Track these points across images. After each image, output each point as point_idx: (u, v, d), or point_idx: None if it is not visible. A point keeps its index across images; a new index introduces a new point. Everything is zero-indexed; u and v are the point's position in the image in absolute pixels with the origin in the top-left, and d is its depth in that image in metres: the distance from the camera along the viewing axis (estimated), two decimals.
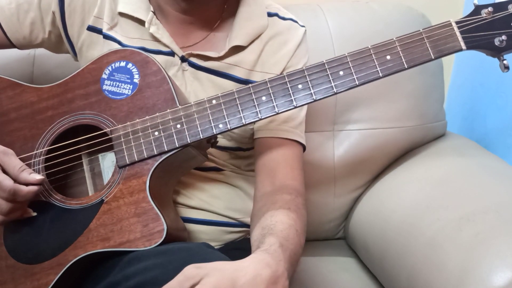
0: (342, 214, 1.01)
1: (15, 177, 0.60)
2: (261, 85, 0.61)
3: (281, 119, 0.72)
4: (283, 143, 0.71)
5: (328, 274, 0.88)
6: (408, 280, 0.71)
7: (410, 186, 0.87)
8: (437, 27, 0.61)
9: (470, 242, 0.65)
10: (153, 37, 0.71)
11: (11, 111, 0.66)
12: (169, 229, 0.57)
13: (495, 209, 0.69)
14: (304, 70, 0.61)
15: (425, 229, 0.73)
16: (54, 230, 0.61)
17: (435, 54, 0.60)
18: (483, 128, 1.08)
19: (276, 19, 0.75)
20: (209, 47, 0.72)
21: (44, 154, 0.64)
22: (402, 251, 0.75)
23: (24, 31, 0.74)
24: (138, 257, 0.55)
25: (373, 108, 0.97)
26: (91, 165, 0.69)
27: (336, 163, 0.98)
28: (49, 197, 0.63)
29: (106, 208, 0.60)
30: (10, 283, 0.60)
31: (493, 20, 0.60)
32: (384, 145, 0.98)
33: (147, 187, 0.60)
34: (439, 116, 1.02)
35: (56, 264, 0.59)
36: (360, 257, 0.94)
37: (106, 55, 0.65)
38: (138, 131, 0.62)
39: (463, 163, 0.87)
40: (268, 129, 0.72)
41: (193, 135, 0.61)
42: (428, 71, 0.99)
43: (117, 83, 0.64)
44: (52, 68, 0.91)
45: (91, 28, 0.73)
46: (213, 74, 0.72)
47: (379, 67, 0.60)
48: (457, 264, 0.64)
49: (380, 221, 0.86)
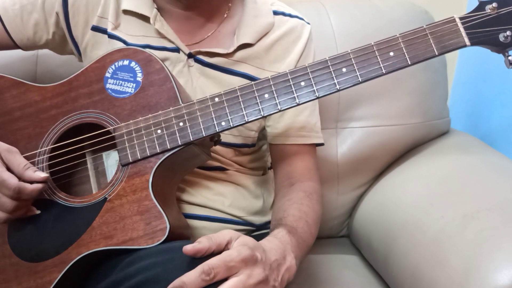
0: (345, 212, 1.01)
1: (19, 175, 0.60)
2: (263, 82, 0.61)
3: (298, 125, 0.75)
4: (300, 149, 0.75)
5: (332, 272, 0.87)
6: (412, 278, 0.71)
7: (414, 183, 0.87)
8: (440, 23, 0.60)
9: (474, 240, 0.65)
10: (157, 34, 0.71)
11: (15, 110, 0.66)
12: (171, 227, 0.57)
13: (500, 206, 0.69)
14: (307, 67, 0.61)
15: (429, 227, 0.73)
16: (58, 228, 0.61)
17: (439, 50, 0.60)
18: (487, 125, 1.07)
19: (283, 17, 0.76)
20: (215, 44, 0.73)
21: (48, 153, 0.64)
22: (406, 249, 0.75)
23: (28, 32, 0.74)
24: (140, 255, 0.55)
25: (376, 106, 0.97)
26: (95, 164, 0.69)
27: (339, 161, 0.98)
28: (53, 195, 0.63)
29: (109, 206, 0.60)
30: (13, 281, 0.61)
31: (498, 15, 0.60)
32: (388, 143, 0.97)
33: (150, 185, 0.60)
34: (443, 113, 1.02)
35: (59, 262, 0.59)
36: (364, 254, 0.94)
37: (109, 54, 0.65)
38: (141, 129, 0.62)
39: (467, 160, 0.87)
40: (286, 136, 0.75)
41: (196, 133, 0.61)
42: (432, 68, 0.99)
43: (121, 82, 0.64)
44: (55, 67, 0.92)
45: (96, 28, 0.73)
46: (219, 71, 0.72)
47: (382, 64, 0.60)
48: (461, 262, 0.63)
49: (383, 218, 0.86)
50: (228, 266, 0.49)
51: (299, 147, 0.75)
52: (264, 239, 0.58)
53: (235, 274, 0.50)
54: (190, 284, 0.48)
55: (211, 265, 0.48)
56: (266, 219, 0.78)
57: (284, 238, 0.59)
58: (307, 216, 0.66)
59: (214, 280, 0.49)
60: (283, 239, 0.59)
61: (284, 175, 0.74)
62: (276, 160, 0.77)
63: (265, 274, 0.51)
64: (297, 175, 0.73)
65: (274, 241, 0.57)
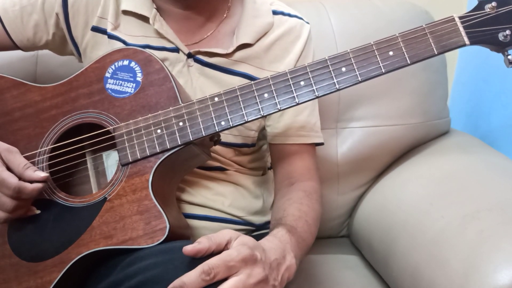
0: (345, 212, 1.01)
1: (19, 174, 0.60)
2: (263, 82, 0.61)
3: (298, 125, 0.75)
4: (300, 148, 0.75)
5: (332, 272, 0.87)
6: (412, 278, 0.71)
7: (414, 183, 0.87)
8: (440, 23, 0.60)
9: (474, 240, 0.65)
10: (157, 34, 0.72)
11: (15, 110, 0.66)
12: (171, 227, 0.57)
13: (500, 206, 0.69)
14: (307, 66, 0.61)
15: (429, 227, 0.73)
16: (58, 228, 0.61)
17: (439, 50, 0.60)
18: (487, 125, 1.07)
19: (282, 17, 0.75)
20: (214, 44, 0.73)
21: (48, 153, 0.64)
22: (406, 249, 0.75)
23: (28, 33, 0.75)
24: (140, 255, 0.55)
25: (376, 106, 0.97)
26: (95, 163, 0.69)
27: (339, 161, 0.98)
28: (53, 195, 0.63)
29: (109, 206, 0.60)
30: (13, 281, 0.60)
31: (497, 15, 0.60)
32: (388, 143, 0.97)
33: (150, 184, 0.60)
34: (443, 113, 1.02)
35: (59, 262, 0.59)
36: (364, 255, 0.94)
37: (109, 54, 0.65)
38: (141, 129, 0.62)
39: (467, 160, 0.87)
40: (286, 136, 0.75)
41: (195, 133, 0.61)
42: (432, 68, 0.99)
43: (120, 82, 0.64)
44: (55, 67, 0.92)
45: (95, 28, 0.73)
46: (219, 71, 0.72)
47: (382, 63, 0.60)
48: (461, 262, 0.63)
49: (384, 218, 0.86)
50: (228, 266, 0.49)
51: (299, 147, 0.75)
52: (263, 239, 0.58)
53: (235, 273, 0.50)
54: (190, 284, 0.48)
55: (211, 265, 0.49)
56: (266, 219, 0.78)
57: (284, 238, 0.59)
58: (306, 215, 0.66)
59: (214, 280, 0.49)
60: (282, 238, 0.59)
61: (284, 175, 0.74)
62: (276, 159, 0.77)
63: (265, 274, 0.51)
64: (297, 174, 0.73)
65: (273, 240, 0.58)
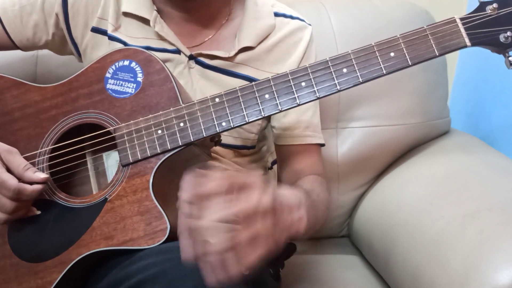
0: (346, 212, 1.01)
1: (19, 176, 0.60)
2: (264, 83, 0.61)
3: (303, 125, 0.75)
4: (307, 148, 0.75)
5: (332, 272, 0.87)
6: (413, 278, 0.71)
7: (414, 183, 0.87)
8: (441, 24, 0.60)
9: (474, 240, 0.65)
10: (157, 36, 0.71)
11: (15, 110, 0.66)
12: (172, 228, 0.57)
13: (500, 206, 0.69)
14: (307, 67, 0.60)
15: (429, 227, 0.73)
16: (58, 228, 0.61)
17: (440, 51, 0.60)
18: (488, 125, 1.07)
19: (284, 19, 0.75)
20: (215, 46, 0.73)
21: (48, 153, 0.64)
22: (407, 249, 0.75)
23: (28, 33, 0.74)
24: (140, 255, 0.55)
25: (376, 106, 0.97)
26: (95, 164, 0.69)
27: (339, 161, 0.98)
28: (53, 196, 0.63)
29: (109, 207, 0.60)
30: (14, 282, 0.61)
31: (498, 16, 0.60)
32: (388, 143, 0.97)
33: (150, 185, 0.60)
34: (443, 113, 1.02)
35: (60, 262, 0.59)
36: (364, 254, 0.94)
37: (110, 54, 0.65)
38: (142, 130, 0.62)
39: (467, 160, 0.87)
40: (292, 136, 0.75)
41: (196, 133, 0.61)
42: (432, 68, 0.99)
43: (121, 82, 0.64)
44: (55, 67, 0.91)
45: (95, 29, 0.73)
46: (220, 73, 0.72)
47: (383, 64, 0.60)
48: (461, 262, 0.63)
49: (384, 218, 0.86)
50: None
51: (307, 147, 0.75)
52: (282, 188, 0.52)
53: None
54: None
55: None
56: None
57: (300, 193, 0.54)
58: (319, 193, 0.65)
59: None
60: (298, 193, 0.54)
61: (292, 173, 0.74)
62: (283, 159, 0.76)
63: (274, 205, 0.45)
64: (305, 172, 0.73)
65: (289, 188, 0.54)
